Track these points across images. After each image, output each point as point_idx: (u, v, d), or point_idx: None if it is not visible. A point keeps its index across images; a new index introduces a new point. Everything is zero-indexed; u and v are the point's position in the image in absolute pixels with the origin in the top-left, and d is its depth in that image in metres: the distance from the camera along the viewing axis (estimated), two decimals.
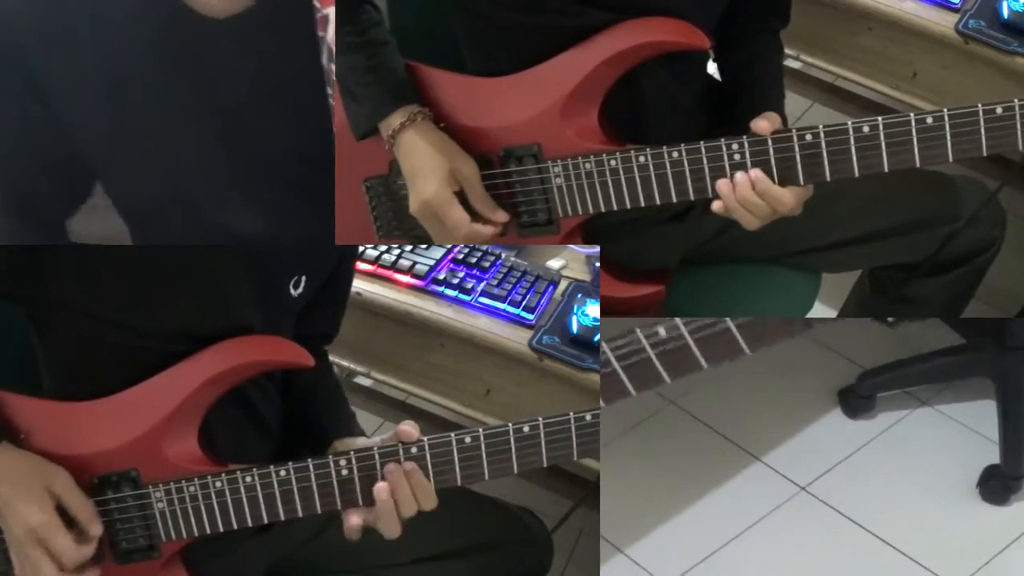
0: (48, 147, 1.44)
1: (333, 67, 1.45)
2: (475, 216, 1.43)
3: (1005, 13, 1.84)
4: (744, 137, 1.33)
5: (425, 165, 1.41)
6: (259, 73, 1.39)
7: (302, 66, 1.43)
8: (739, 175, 1.34)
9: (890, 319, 1.79)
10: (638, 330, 1.10)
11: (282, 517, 1.30)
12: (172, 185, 1.44)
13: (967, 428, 2.25)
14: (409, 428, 1.29)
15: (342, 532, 1.49)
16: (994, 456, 2.12)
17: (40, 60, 1.36)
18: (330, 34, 1.44)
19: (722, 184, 1.35)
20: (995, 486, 2.10)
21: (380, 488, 1.27)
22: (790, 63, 2.18)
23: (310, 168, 1.47)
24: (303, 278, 1.38)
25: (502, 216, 1.43)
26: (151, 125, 1.40)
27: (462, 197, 1.42)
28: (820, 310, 1.89)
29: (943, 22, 1.89)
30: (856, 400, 2.29)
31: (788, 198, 1.35)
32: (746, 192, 1.34)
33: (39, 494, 1.24)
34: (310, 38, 1.43)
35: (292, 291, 1.37)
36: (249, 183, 1.44)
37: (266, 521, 1.30)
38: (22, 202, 1.48)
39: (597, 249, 1.56)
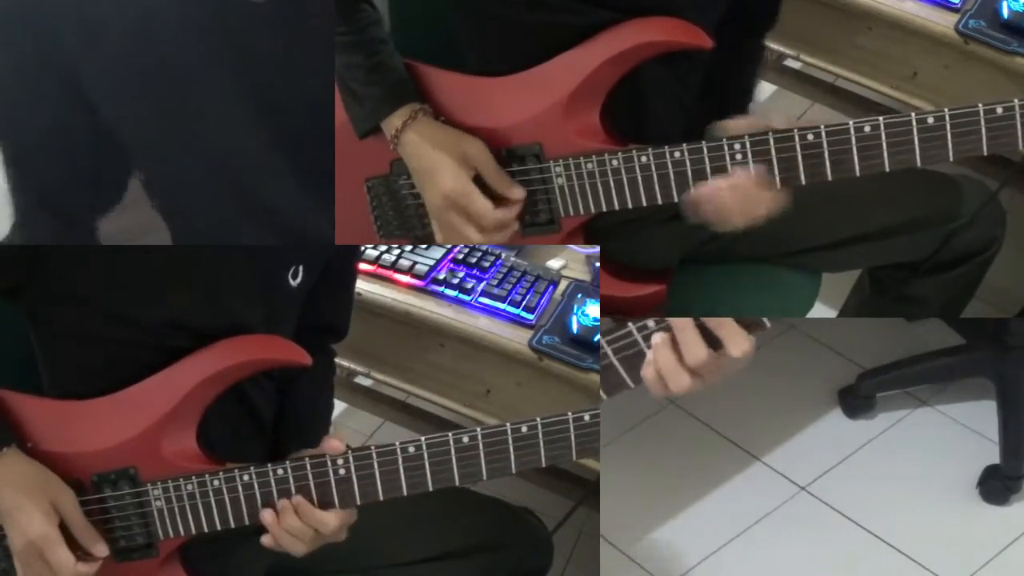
0: (83, 146, 1.44)
1: None
2: (494, 198, 1.42)
3: (1005, 13, 1.84)
4: (746, 136, 1.33)
5: (434, 161, 1.40)
6: (300, 57, 1.39)
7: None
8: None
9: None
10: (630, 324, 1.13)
11: None
12: (217, 173, 1.44)
13: (967, 428, 2.25)
14: (336, 443, 1.28)
15: None
16: (994, 456, 2.12)
17: (78, 51, 1.36)
18: None
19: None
20: (995, 486, 2.10)
21: (265, 513, 1.29)
22: (790, 63, 2.18)
23: None
24: (300, 268, 1.38)
25: (519, 192, 1.42)
26: (196, 111, 1.40)
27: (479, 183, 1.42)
28: (820, 310, 1.89)
29: (943, 22, 1.89)
30: (856, 400, 2.30)
31: (768, 200, 1.35)
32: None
33: (44, 506, 1.24)
34: None
35: (291, 282, 1.37)
36: (295, 168, 1.44)
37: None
38: (54, 201, 1.48)
39: (597, 249, 1.56)
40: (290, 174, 1.45)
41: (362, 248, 1.84)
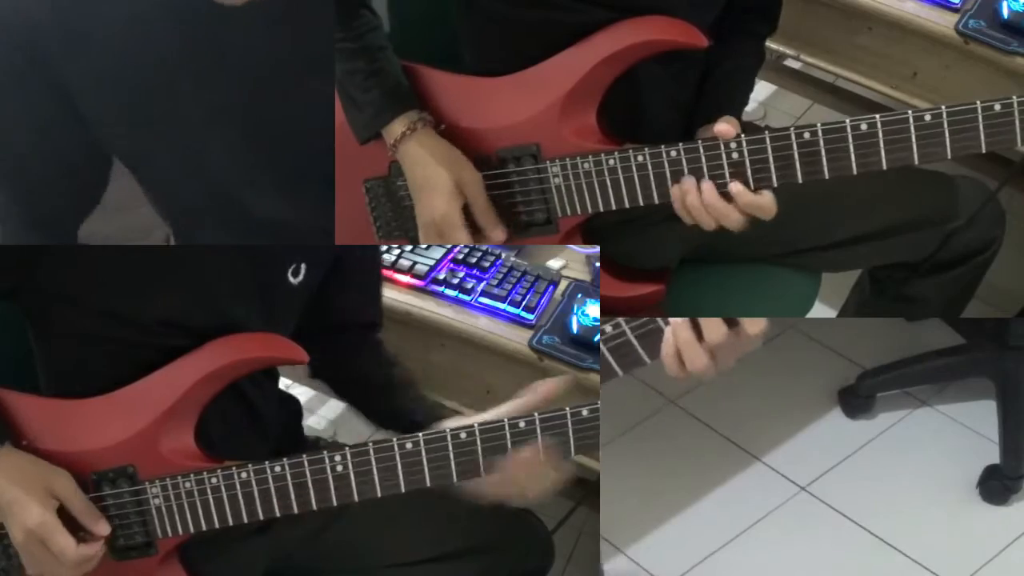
0: (67, 151, 1.45)
1: None
2: (475, 230, 1.43)
3: (1005, 13, 1.84)
4: (742, 136, 1.33)
5: (430, 178, 1.41)
6: (281, 61, 1.39)
7: (324, 53, 1.43)
8: (694, 184, 1.35)
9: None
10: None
11: (277, 513, 1.30)
12: (206, 178, 1.44)
13: (967, 428, 2.25)
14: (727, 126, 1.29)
15: (342, 532, 1.49)
16: (994, 456, 2.12)
17: (65, 60, 1.36)
18: None
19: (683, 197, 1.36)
20: (995, 486, 2.10)
21: None
22: (790, 63, 2.19)
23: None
24: (302, 266, 1.38)
25: (501, 235, 1.44)
26: (179, 117, 1.40)
27: (466, 209, 1.43)
28: (820, 310, 1.89)
29: (943, 22, 1.89)
30: (856, 400, 2.30)
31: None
32: (712, 199, 1.35)
33: (40, 496, 1.24)
34: (331, 23, 1.43)
35: (292, 279, 1.38)
36: (281, 171, 1.44)
37: (262, 517, 1.30)
38: (36, 208, 1.48)
39: (597, 249, 1.56)
40: (285, 178, 1.45)
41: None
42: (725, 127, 1.34)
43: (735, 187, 1.33)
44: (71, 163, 1.46)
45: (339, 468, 1.28)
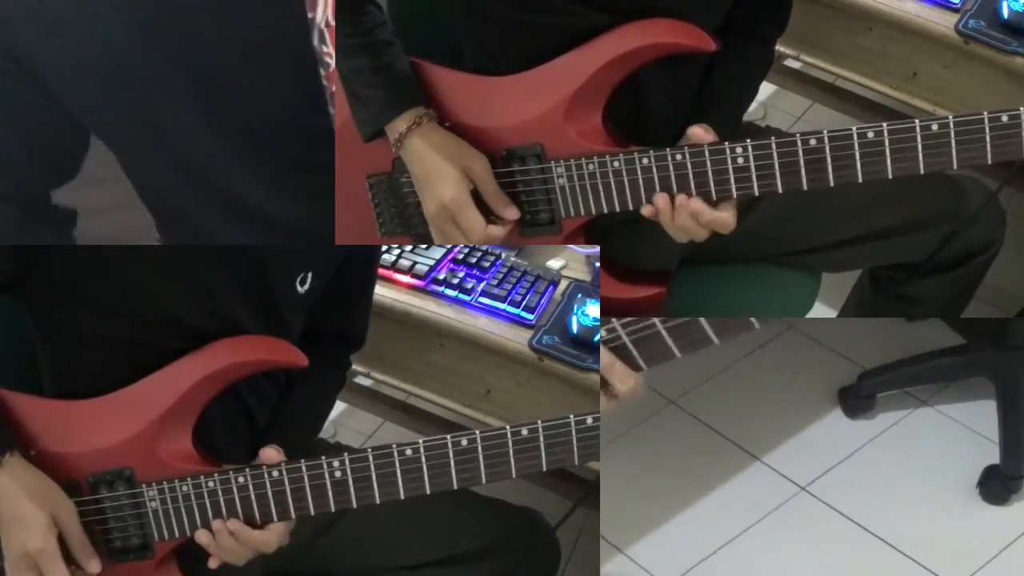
0: (40, 133, 1.45)
1: (325, 50, 1.43)
2: (487, 214, 1.43)
3: (1005, 13, 1.84)
4: (748, 141, 1.32)
5: (437, 169, 1.41)
6: (245, 47, 1.38)
7: (289, 41, 1.42)
8: (680, 198, 1.36)
9: None
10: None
11: (275, 519, 1.29)
12: (178, 160, 1.44)
13: (967, 428, 2.25)
14: (273, 452, 1.29)
15: (342, 535, 1.48)
16: (994, 456, 2.11)
17: (32, 45, 1.36)
18: (319, 15, 1.42)
19: (659, 199, 1.37)
20: (995, 486, 2.10)
21: (200, 535, 1.29)
22: (790, 63, 2.18)
23: (306, 142, 1.46)
24: (309, 275, 1.38)
25: (513, 213, 1.43)
26: (147, 100, 1.39)
27: (475, 196, 1.42)
28: (820, 310, 1.89)
29: (943, 22, 1.89)
30: (856, 400, 2.29)
31: (729, 220, 1.36)
32: (683, 218, 1.36)
33: (44, 519, 1.24)
34: (297, 14, 1.42)
35: (299, 288, 1.37)
36: (247, 155, 1.44)
37: (259, 522, 1.30)
38: (9, 185, 1.48)
39: (597, 249, 1.56)
40: (253, 163, 1.44)
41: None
42: (699, 131, 1.34)
43: (695, 204, 1.35)
44: (45, 143, 1.46)
45: (337, 474, 1.27)
